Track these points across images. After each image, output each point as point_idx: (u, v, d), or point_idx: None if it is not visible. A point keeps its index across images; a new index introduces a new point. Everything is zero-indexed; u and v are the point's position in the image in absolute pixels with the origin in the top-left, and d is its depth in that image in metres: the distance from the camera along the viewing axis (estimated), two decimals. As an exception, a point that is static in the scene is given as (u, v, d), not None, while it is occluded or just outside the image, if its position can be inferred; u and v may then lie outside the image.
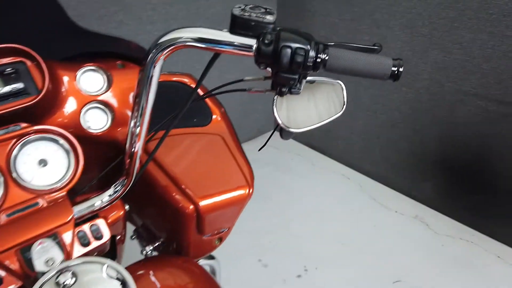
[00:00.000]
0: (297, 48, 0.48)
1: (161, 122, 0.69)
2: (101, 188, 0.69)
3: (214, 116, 0.82)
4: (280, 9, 2.34)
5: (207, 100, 0.84)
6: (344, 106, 0.65)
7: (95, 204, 0.64)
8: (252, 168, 0.79)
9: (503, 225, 1.81)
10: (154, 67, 0.53)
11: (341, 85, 0.64)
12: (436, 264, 1.75)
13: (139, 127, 0.61)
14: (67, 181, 0.61)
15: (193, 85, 0.83)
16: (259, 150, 0.72)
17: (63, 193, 0.61)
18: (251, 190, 0.75)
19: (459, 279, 1.68)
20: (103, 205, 0.64)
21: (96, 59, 0.76)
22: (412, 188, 2.12)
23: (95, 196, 0.64)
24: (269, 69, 0.52)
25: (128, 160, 0.65)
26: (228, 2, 2.11)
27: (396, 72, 0.53)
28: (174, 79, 0.82)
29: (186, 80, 0.83)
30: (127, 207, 0.73)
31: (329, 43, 0.54)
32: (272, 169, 2.36)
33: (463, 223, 1.94)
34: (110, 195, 0.64)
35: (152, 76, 0.54)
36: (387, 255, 1.79)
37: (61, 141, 0.62)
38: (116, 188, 0.64)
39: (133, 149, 0.63)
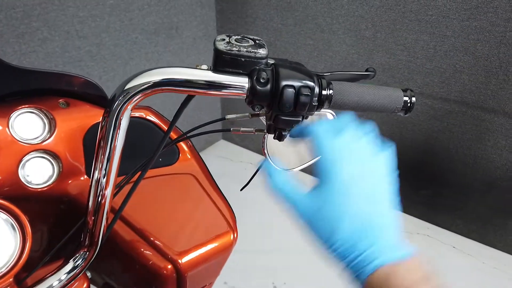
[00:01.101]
0: (301, 87, 0.41)
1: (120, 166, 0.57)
2: (58, 250, 0.56)
3: (181, 153, 0.72)
4: (219, 15, 2.26)
5: (171, 133, 0.74)
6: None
7: (53, 285, 0.51)
8: (232, 207, 0.70)
9: (455, 216, 1.90)
10: (121, 118, 0.42)
11: (333, 115, 0.57)
12: (399, 262, 1.78)
13: (105, 178, 0.48)
14: (12, 264, 0.49)
15: (153, 119, 0.72)
16: (241, 190, 0.64)
17: (9, 279, 0.48)
18: (235, 235, 0.66)
19: (422, 273, 1.72)
20: (62, 284, 0.52)
21: (32, 99, 0.62)
22: (367, 187, 2.15)
23: (50, 275, 0.52)
24: (261, 110, 0.44)
25: (91, 220, 0.52)
26: (163, 11, 1.99)
27: (408, 104, 0.47)
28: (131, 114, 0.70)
29: (144, 114, 0.71)
30: (89, 274, 0.61)
31: (323, 73, 0.47)
32: (227, 181, 2.26)
33: (418, 218, 2.00)
34: (69, 272, 0.52)
35: (119, 126, 0.43)
36: (352, 259, 1.79)
37: (1, 214, 0.49)
38: (76, 262, 0.52)
39: (98, 206, 0.50)
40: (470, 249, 1.85)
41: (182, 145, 0.73)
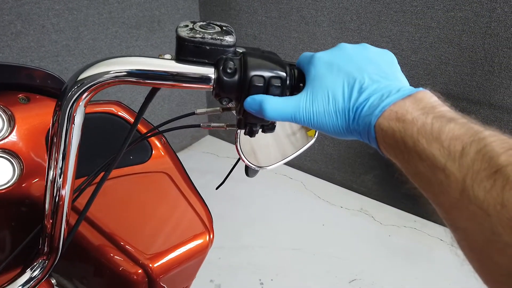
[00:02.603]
0: (271, 77, 0.37)
1: (86, 166, 0.53)
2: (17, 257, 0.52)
3: (154, 150, 0.68)
4: (202, 8, 2.21)
5: (142, 128, 0.70)
6: (317, 133, 0.55)
7: (9, 296, 0.47)
8: (208, 207, 0.66)
9: (441, 208, 1.89)
10: (74, 115, 0.38)
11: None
12: (386, 256, 1.77)
13: (61, 178, 0.44)
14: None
15: (123, 115, 0.68)
16: (217, 188, 0.60)
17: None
18: (211, 236, 0.62)
19: (409, 267, 1.71)
20: (20, 295, 0.48)
21: (-12, 94, 0.58)
22: (354, 181, 2.13)
23: (4, 286, 0.48)
24: (229, 103, 0.41)
25: (49, 224, 0.48)
26: (144, 4, 1.93)
27: None
28: (98, 109, 0.66)
29: (113, 109, 0.67)
30: (54, 281, 0.57)
31: (294, 63, 0.44)
32: (212, 177, 2.23)
33: (405, 211, 2.00)
34: (24, 284, 0.47)
35: (73, 122, 0.39)
36: (339, 254, 1.78)
37: None
38: (33, 271, 0.48)
39: (55, 208, 0.46)
40: (457, 241, 1.84)
41: (156, 142, 0.69)
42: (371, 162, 2.02)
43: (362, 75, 0.36)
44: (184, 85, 0.38)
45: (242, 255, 1.77)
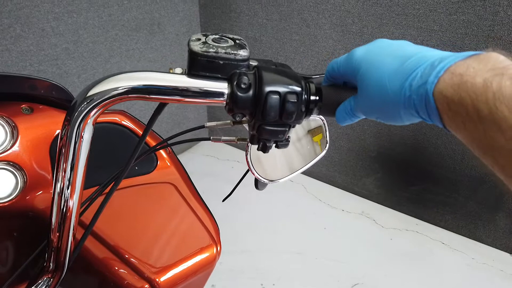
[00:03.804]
0: (287, 93, 0.36)
1: (89, 176, 0.52)
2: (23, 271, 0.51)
3: (159, 160, 0.67)
4: (202, 10, 2.19)
5: (149, 139, 0.69)
6: (327, 145, 0.54)
7: (13, 315, 0.46)
8: (215, 218, 0.65)
9: (444, 212, 1.89)
10: (82, 133, 0.37)
11: (322, 120, 0.53)
12: (388, 260, 1.76)
13: (69, 190, 0.42)
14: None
15: (128, 124, 0.67)
16: (223, 200, 0.59)
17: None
18: (218, 248, 0.61)
19: (411, 270, 1.71)
20: (25, 314, 0.46)
21: (-10, 105, 0.56)
22: (355, 184, 2.12)
23: (11, 304, 0.46)
24: (243, 119, 0.39)
25: (55, 238, 0.47)
26: (144, 7, 1.92)
27: None
28: (102, 119, 0.65)
29: (117, 118, 0.66)
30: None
31: (311, 76, 0.43)
32: (211, 180, 2.22)
33: (407, 214, 1.99)
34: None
35: (82, 136, 0.38)
36: (341, 257, 1.77)
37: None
38: (39, 289, 0.46)
39: (62, 221, 0.45)
40: (459, 244, 1.84)
41: (161, 151, 0.68)
42: (372, 165, 2.01)
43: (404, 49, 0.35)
44: (196, 100, 0.37)
45: (244, 259, 1.76)
